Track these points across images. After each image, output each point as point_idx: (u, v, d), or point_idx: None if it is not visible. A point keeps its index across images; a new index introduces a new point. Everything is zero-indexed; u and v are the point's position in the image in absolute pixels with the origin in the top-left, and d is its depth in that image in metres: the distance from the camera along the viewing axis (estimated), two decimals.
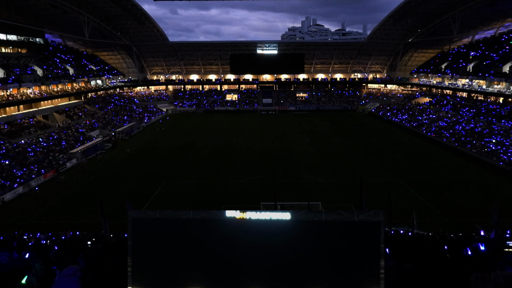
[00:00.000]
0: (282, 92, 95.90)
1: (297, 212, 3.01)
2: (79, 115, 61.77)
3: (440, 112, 64.79)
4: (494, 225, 13.86)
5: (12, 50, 59.38)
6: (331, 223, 2.90)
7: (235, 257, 3.02)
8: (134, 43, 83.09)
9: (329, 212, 2.95)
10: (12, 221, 27.30)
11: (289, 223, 2.97)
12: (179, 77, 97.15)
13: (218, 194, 32.61)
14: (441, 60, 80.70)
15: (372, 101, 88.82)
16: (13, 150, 40.25)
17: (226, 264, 3.03)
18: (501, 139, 45.27)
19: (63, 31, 70.50)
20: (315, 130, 63.38)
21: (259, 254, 2.98)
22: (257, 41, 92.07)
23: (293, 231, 2.94)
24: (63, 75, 64.87)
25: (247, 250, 3.00)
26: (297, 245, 2.92)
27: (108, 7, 65.25)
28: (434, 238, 14.68)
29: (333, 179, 36.26)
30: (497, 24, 69.90)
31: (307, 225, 2.93)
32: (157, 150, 49.69)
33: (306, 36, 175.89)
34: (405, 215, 25.23)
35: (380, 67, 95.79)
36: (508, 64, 57.76)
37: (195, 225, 3.12)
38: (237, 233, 3.03)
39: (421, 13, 69.36)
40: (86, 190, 34.48)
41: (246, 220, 3.04)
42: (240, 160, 43.80)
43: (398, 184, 34.78)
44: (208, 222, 3.12)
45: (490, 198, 28.50)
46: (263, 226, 3.00)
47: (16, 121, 48.74)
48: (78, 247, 9.40)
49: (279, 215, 2.99)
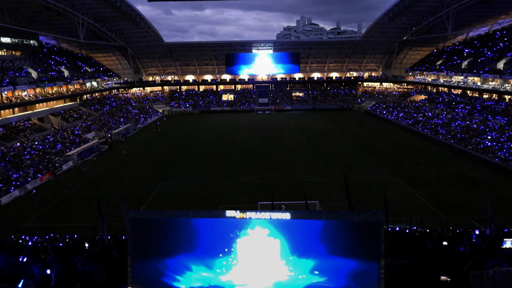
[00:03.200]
0: (278, 91, 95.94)
1: (297, 212, 3.01)
2: (75, 117, 61.50)
3: (436, 110, 65.08)
4: (490, 221, 13.97)
5: (6, 52, 58.96)
6: (331, 223, 2.90)
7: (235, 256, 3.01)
8: (129, 44, 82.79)
9: (329, 212, 2.95)
10: (9, 225, 27.15)
11: (290, 223, 2.97)
12: (175, 78, 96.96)
13: (216, 194, 32.56)
14: (436, 58, 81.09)
15: (368, 100, 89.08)
16: (8, 153, 40.00)
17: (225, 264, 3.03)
18: (496, 135, 45.54)
19: (57, 33, 70.08)
20: (311, 129, 63.44)
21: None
22: (253, 41, 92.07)
23: (294, 231, 2.94)
24: (58, 77, 64.53)
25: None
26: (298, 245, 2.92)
27: (102, 9, 64.97)
28: (431, 235, 14.77)
29: (330, 177, 36.30)
30: (491, 21, 70.29)
31: (307, 225, 2.93)
32: (154, 151, 49.57)
33: (301, 36, 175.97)
34: (402, 213, 25.37)
35: (375, 65, 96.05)
36: (502, 61, 58.08)
37: (195, 225, 3.12)
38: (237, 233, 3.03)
39: (416, 11, 69.65)
40: (83, 192, 34.33)
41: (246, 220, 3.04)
42: (237, 160, 43.76)
43: (395, 181, 34.89)
44: (208, 222, 3.11)
45: (486, 195, 28.64)
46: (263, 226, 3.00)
47: (11, 124, 48.48)
48: (75, 250, 9.36)
49: (279, 215, 2.99)
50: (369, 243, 2.81)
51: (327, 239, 2.87)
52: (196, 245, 3.09)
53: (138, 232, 3.19)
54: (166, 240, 3.12)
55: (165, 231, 3.13)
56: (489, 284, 2.88)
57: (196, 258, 3.08)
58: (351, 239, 2.84)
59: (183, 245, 3.10)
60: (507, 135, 44.29)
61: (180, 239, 3.11)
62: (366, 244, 2.81)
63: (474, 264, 3.23)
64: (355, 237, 2.83)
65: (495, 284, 2.85)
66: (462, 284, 3.18)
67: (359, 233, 2.83)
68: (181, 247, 3.10)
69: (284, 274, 2.96)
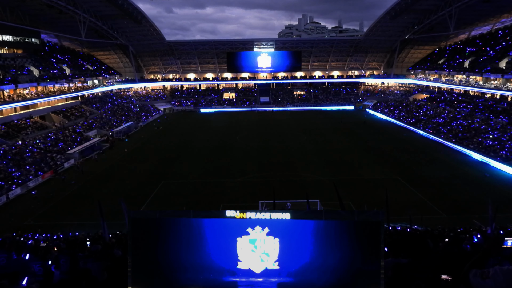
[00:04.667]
0: (280, 90, 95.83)
1: (297, 212, 3.01)
2: (76, 115, 61.58)
3: (437, 109, 64.94)
4: (491, 220, 13.95)
5: (8, 50, 59.05)
6: (331, 223, 2.90)
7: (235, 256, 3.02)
8: (131, 42, 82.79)
9: (329, 212, 2.95)
10: (10, 222, 27.24)
11: (290, 223, 2.97)
12: (176, 76, 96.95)
13: (217, 192, 32.59)
14: (438, 57, 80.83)
15: (370, 98, 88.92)
16: (10, 151, 40.09)
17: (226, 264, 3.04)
18: (498, 134, 45.43)
19: (59, 31, 70.13)
20: (312, 127, 63.38)
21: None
22: (254, 39, 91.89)
23: (294, 230, 2.94)
24: (59, 76, 64.59)
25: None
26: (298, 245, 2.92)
27: (104, 7, 64.91)
28: (432, 233, 14.77)
29: (331, 176, 36.29)
30: (493, 20, 70.01)
31: (307, 225, 2.93)
32: (155, 150, 49.61)
33: (303, 34, 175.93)
34: (403, 212, 25.34)
35: (377, 64, 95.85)
36: (505, 60, 57.87)
37: (195, 225, 3.12)
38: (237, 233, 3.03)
39: (418, 10, 69.38)
40: (84, 190, 34.40)
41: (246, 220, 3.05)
42: (238, 159, 43.76)
43: (396, 180, 34.86)
44: (208, 222, 3.12)
45: (488, 194, 28.59)
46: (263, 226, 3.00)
47: (13, 122, 48.57)
48: (77, 248, 9.38)
49: (279, 215, 2.99)
50: (369, 243, 2.80)
51: (327, 239, 2.87)
52: (196, 245, 3.09)
53: (138, 232, 3.20)
54: (166, 240, 3.12)
55: (165, 231, 3.13)
56: (490, 283, 2.88)
57: (197, 258, 3.09)
58: (351, 239, 2.83)
59: (183, 245, 3.10)
60: (509, 134, 44.18)
61: (180, 239, 3.11)
62: (366, 244, 2.80)
63: (475, 262, 3.23)
64: (355, 237, 2.83)
65: (496, 283, 2.85)
66: (463, 282, 3.18)
67: (359, 233, 2.83)
68: (181, 247, 3.11)
69: (284, 274, 2.97)
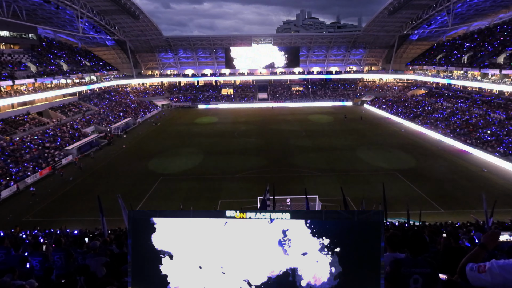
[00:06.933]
0: (278, 86, 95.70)
1: (297, 212, 3.01)
2: (74, 112, 61.38)
3: (436, 104, 65.00)
4: (486, 215, 14.04)
5: (4, 46, 58.64)
6: (330, 223, 2.89)
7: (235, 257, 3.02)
8: (128, 37, 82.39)
9: (329, 212, 2.95)
10: (9, 219, 27.24)
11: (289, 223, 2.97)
12: (174, 72, 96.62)
13: (215, 189, 32.61)
14: (436, 52, 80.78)
15: (368, 94, 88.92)
16: (8, 147, 39.97)
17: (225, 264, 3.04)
18: (496, 129, 45.54)
19: (56, 26, 69.68)
20: (311, 123, 63.40)
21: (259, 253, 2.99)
22: (252, 34, 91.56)
23: (293, 230, 2.94)
24: (57, 71, 64.28)
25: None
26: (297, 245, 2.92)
27: (101, 2, 64.52)
28: (430, 228, 14.83)
29: (329, 172, 36.37)
30: (491, 15, 69.91)
31: (307, 225, 2.93)
32: (153, 146, 49.56)
33: (301, 30, 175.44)
34: (401, 207, 25.42)
35: (375, 59, 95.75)
36: (503, 55, 57.89)
37: (195, 225, 3.12)
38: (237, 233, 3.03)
39: (416, 5, 69.16)
40: (82, 187, 34.39)
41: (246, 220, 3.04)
42: (236, 155, 43.77)
43: (394, 175, 34.97)
44: (208, 222, 3.12)
45: (485, 189, 28.74)
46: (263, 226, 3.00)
47: (11, 118, 48.38)
48: (75, 244, 9.39)
49: (278, 215, 2.99)
50: (369, 243, 2.81)
51: (327, 239, 2.88)
52: (196, 245, 3.09)
53: (138, 232, 3.20)
54: (166, 240, 3.13)
55: (165, 231, 3.13)
56: (486, 276, 2.91)
57: (197, 258, 3.09)
58: (351, 239, 2.84)
59: (183, 245, 3.11)
60: (507, 129, 44.30)
61: (180, 239, 3.12)
62: (366, 244, 2.81)
63: (471, 256, 3.25)
64: (355, 237, 2.83)
65: (492, 276, 2.87)
66: (460, 276, 3.21)
67: (359, 233, 2.83)
68: (181, 247, 3.11)
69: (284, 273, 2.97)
